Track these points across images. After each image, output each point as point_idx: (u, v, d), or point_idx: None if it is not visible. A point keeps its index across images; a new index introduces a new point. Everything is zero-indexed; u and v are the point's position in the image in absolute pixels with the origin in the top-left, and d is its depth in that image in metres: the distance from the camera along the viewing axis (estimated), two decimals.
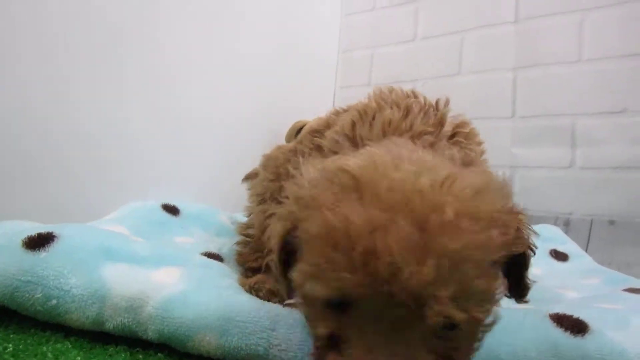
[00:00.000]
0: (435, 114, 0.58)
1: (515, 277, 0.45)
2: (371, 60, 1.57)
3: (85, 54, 0.93)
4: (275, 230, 0.44)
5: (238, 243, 0.75)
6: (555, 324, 0.54)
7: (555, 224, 1.20)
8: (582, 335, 0.52)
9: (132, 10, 1.02)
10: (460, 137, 0.57)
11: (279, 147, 0.76)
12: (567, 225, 1.20)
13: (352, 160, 0.39)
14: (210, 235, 0.88)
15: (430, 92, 0.62)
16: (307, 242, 0.37)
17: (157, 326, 0.53)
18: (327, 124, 0.64)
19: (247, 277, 0.68)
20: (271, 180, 0.73)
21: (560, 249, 1.06)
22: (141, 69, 1.05)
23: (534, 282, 0.47)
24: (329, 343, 0.37)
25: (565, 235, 1.13)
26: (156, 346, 0.54)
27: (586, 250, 1.15)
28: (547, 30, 1.26)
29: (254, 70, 1.33)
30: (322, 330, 0.38)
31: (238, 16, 1.31)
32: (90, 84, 0.95)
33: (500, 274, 0.40)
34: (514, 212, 0.41)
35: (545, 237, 1.10)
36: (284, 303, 0.59)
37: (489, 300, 0.37)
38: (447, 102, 0.60)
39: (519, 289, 0.47)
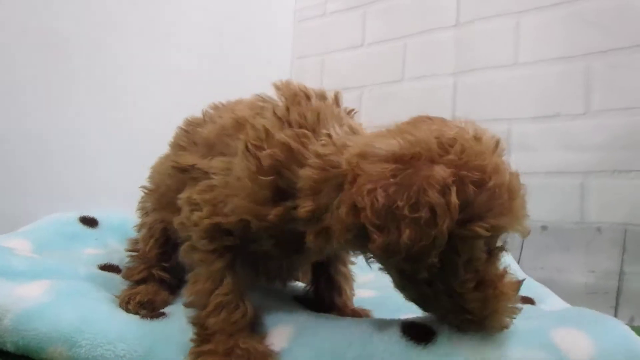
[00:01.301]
0: None
1: None
2: (322, 67, 1.59)
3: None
4: None
5: (126, 261, 0.76)
6: (402, 333, 0.55)
7: None
8: (425, 345, 0.53)
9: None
10: None
11: (158, 159, 0.77)
12: None
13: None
14: (125, 246, 0.90)
15: (375, 99, 0.62)
16: None
17: (14, 338, 0.55)
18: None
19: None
20: (152, 191, 0.75)
21: None
22: (77, 80, 1.09)
23: None
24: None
25: None
26: (17, 357, 0.56)
27: (520, 256, 1.15)
28: (485, 33, 1.26)
29: (203, 80, 1.36)
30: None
31: (189, 26, 1.34)
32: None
33: None
34: None
35: None
36: (152, 314, 0.61)
37: None
38: None
39: None
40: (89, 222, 0.93)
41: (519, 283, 0.51)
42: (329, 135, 0.52)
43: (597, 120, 1.10)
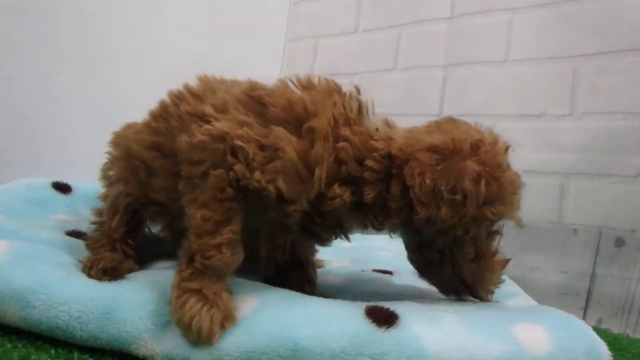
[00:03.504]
0: None
1: None
2: (315, 51, 1.57)
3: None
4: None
5: (90, 231, 0.74)
6: (366, 316, 0.54)
7: None
8: (387, 328, 0.53)
9: None
10: None
11: (130, 126, 0.75)
12: None
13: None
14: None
15: (365, 87, 0.62)
16: None
17: None
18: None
19: None
20: (117, 159, 0.73)
21: None
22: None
23: None
24: None
25: None
26: None
27: None
28: (478, 28, 1.25)
29: (194, 58, 1.33)
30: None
31: (183, 2, 1.31)
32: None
33: None
34: None
35: None
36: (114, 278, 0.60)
37: None
38: None
39: None
40: (62, 188, 0.91)
41: (506, 261, 0.66)
42: (377, 130, 0.60)
43: (581, 123, 1.10)
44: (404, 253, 1.08)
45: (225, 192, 0.53)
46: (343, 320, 0.53)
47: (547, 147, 1.13)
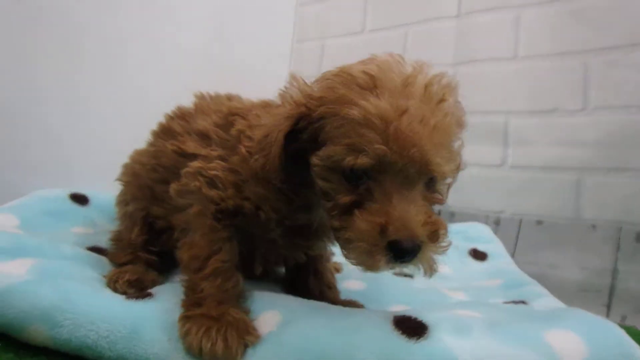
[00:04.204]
0: None
1: None
2: (322, 52, 1.56)
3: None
4: (274, 126, 0.53)
5: (110, 247, 0.76)
6: (394, 327, 0.54)
7: (486, 222, 1.19)
8: (417, 339, 0.52)
9: None
10: None
11: (136, 151, 0.78)
12: (497, 224, 1.19)
13: (366, 66, 0.51)
14: (113, 226, 0.88)
15: None
16: (339, 126, 0.49)
17: None
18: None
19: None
20: (129, 182, 0.76)
21: (481, 248, 1.05)
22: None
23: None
24: (347, 209, 0.49)
25: (492, 235, 1.12)
26: None
27: (514, 250, 1.15)
28: (485, 25, 1.24)
29: (202, 61, 1.33)
30: (346, 197, 0.50)
31: (190, 5, 1.31)
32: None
33: None
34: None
35: (470, 236, 1.10)
36: (138, 295, 0.60)
37: (458, 162, 0.55)
38: None
39: None
40: (80, 199, 0.91)
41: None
42: None
43: (595, 117, 1.09)
44: None
45: (209, 225, 0.57)
46: (371, 331, 0.53)
47: (562, 142, 1.11)
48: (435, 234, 0.49)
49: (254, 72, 1.42)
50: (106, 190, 0.98)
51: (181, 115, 0.73)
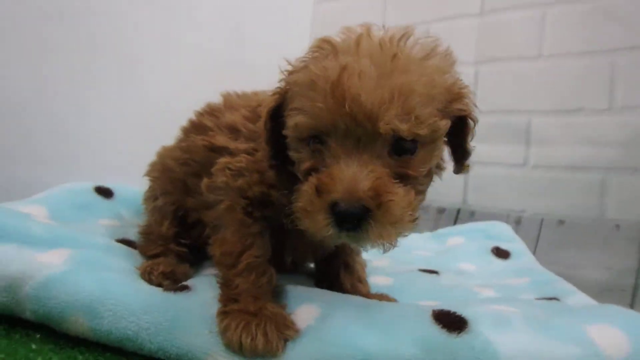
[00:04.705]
0: None
1: (458, 142, 0.55)
2: None
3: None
4: (265, 102, 0.54)
5: (139, 240, 0.76)
6: (434, 321, 0.53)
7: (507, 221, 1.18)
8: (458, 333, 0.52)
9: None
10: None
11: (164, 147, 0.78)
12: (518, 224, 1.18)
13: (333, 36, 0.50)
14: (139, 220, 0.88)
15: None
16: (295, 93, 0.49)
17: (34, 306, 0.53)
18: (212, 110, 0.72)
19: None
20: (157, 178, 0.76)
21: (504, 246, 1.04)
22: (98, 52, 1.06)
23: (474, 147, 0.56)
24: (310, 173, 0.48)
25: (513, 234, 1.11)
26: (36, 326, 0.55)
27: (535, 249, 1.14)
28: (509, 24, 1.24)
29: (220, 60, 1.33)
30: (306, 164, 0.49)
31: (209, 6, 1.31)
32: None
33: (446, 124, 0.49)
34: (458, 79, 0.52)
35: (492, 234, 1.10)
36: (176, 287, 0.60)
37: (431, 129, 0.47)
38: None
39: (460, 153, 0.56)
40: (104, 192, 0.91)
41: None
42: None
43: (620, 117, 1.08)
44: (442, 252, 1.08)
45: (240, 220, 0.57)
46: (412, 325, 0.52)
47: (587, 142, 1.11)
48: (383, 202, 0.44)
49: (271, 72, 1.41)
50: (130, 184, 0.99)
51: (210, 111, 0.73)
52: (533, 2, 1.20)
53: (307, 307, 0.56)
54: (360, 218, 0.43)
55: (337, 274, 0.71)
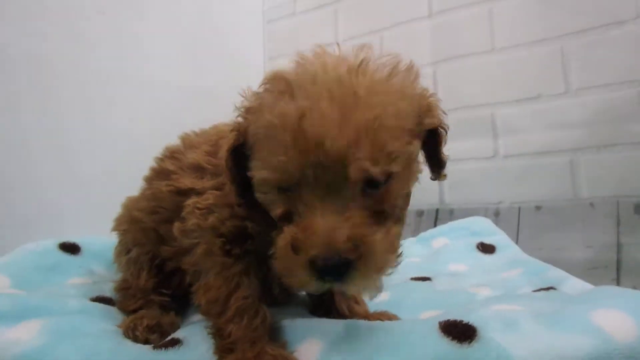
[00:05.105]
0: None
1: (432, 152, 0.53)
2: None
3: None
4: (224, 142, 0.51)
5: (117, 297, 0.71)
6: (443, 333, 0.52)
7: (485, 215, 1.19)
8: (469, 343, 0.50)
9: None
10: None
11: (128, 198, 0.74)
12: (497, 216, 1.19)
13: (286, 69, 0.46)
14: (112, 273, 0.82)
15: None
16: (255, 137, 0.46)
17: None
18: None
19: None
20: (127, 230, 0.72)
21: (487, 241, 1.04)
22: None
23: (448, 156, 0.54)
24: (285, 220, 0.45)
25: (494, 227, 1.12)
26: None
27: (517, 238, 1.15)
28: (459, 22, 1.26)
29: (178, 89, 1.29)
30: (277, 210, 0.46)
31: (159, 37, 1.27)
32: None
33: (418, 144, 0.48)
34: (424, 91, 0.50)
35: (474, 231, 1.10)
36: (166, 343, 0.55)
37: (404, 159, 0.45)
38: None
39: (435, 163, 0.54)
40: (70, 248, 0.84)
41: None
42: None
43: (578, 99, 1.12)
44: (429, 255, 1.07)
45: (221, 263, 0.54)
46: (420, 343, 0.50)
47: (550, 126, 1.13)
48: (363, 252, 0.41)
49: (230, 97, 1.39)
50: (95, 236, 0.93)
51: (170, 154, 0.69)
52: (478, 0, 1.23)
53: (309, 341, 0.53)
54: (342, 269, 0.41)
55: (332, 298, 0.69)
